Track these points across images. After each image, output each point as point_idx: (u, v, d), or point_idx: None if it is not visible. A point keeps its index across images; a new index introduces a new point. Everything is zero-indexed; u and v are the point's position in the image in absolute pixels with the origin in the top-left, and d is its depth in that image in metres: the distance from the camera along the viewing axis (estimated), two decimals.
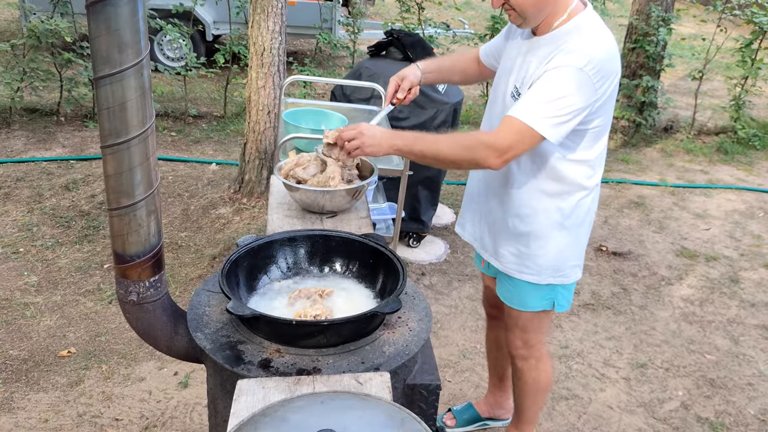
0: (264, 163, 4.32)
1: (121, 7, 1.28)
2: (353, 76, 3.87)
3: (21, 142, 5.05)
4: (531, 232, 2.04)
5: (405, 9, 5.85)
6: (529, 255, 2.07)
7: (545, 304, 2.15)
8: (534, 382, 2.33)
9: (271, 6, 3.96)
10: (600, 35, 1.84)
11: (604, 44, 1.82)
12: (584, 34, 1.83)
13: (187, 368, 2.93)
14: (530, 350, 2.26)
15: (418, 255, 4.02)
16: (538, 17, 1.86)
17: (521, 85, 1.90)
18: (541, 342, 2.28)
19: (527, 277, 2.10)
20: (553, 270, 2.08)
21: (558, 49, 1.81)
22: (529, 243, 2.06)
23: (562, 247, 2.06)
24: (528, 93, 1.80)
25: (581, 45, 1.79)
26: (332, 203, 2.06)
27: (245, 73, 5.17)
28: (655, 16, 5.83)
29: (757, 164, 5.84)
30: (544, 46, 1.87)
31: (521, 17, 1.86)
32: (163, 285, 1.59)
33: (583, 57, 1.76)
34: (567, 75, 1.76)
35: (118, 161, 1.41)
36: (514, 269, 2.12)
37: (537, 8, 1.83)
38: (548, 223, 2.02)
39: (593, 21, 1.87)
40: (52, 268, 3.62)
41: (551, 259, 2.07)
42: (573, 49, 1.78)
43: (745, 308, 3.73)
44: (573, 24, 1.85)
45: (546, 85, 1.77)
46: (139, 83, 1.36)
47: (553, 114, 1.76)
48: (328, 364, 1.44)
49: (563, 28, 1.85)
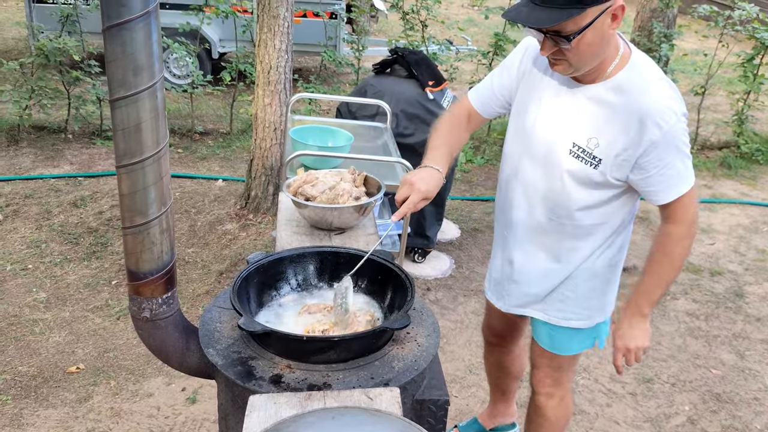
0: (270, 180, 4.35)
1: (136, 32, 1.32)
2: (358, 93, 3.91)
3: (29, 160, 5.09)
4: (580, 276, 1.98)
5: (409, 27, 5.90)
6: (579, 300, 2.00)
7: (588, 344, 2.10)
8: (556, 420, 2.26)
9: (277, 25, 4.01)
10: (661, 76, 1.75)
11: (669, 83, 1.75)
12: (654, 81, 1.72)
13: (196, 384, 2.94)
14: (558, 388, 2.20)
15: (424, 270, 4.04)
16: (592, 65, 1.70)
17: (591, 147, 1.76)
18: (571, 380, 2.23)
19: (575, 324, 2.03)
20: (599, 311, 2.04)
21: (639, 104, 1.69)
22: (578, 288, 1.99)
23: (609, 284, 2.02)
24: (663, 173, 1.73)
25: (662, 95, 1.70)
26: (340, 220, 2.08)
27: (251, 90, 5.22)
28: (657, 32, 5.88)
29: (760, 179, 5.86)
30: (606, 99, 1.74)
31: (573, 67, 1.70)
32: (175, 302, 1.62)
33: (674, 106, 1.69)
34: (678, 131, 1.70)
35: (132, 181, 1.44)
36: (555, 317, 2.04)
37: (595, 56, 1.68)
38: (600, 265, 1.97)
39: (649, 63, 1.77)
40: (60, 285, 3.65)
41: (599, 301, 2.02)
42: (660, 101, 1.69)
43: (750, 323, 3.74)
44: (635, 72, 1.72)
45: (673, 154, 1.71)
46: (153, 105, 1.40)
47: (689, 164, 1.76)
48: (339, 379, 1.46)
49: (622, 76, 1.72)
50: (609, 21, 1.62)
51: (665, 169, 1.73)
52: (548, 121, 1.84)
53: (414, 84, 3.79)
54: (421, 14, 5.84)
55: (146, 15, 1.32)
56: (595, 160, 1.77)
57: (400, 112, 3.70)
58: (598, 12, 1.58)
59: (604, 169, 1.77)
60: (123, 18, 1.30)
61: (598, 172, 1.78)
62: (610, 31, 1.64)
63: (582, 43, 1.61)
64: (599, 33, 1.62)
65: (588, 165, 1.78)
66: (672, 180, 1.75)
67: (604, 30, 1.62)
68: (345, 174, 2.23)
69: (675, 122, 1.68)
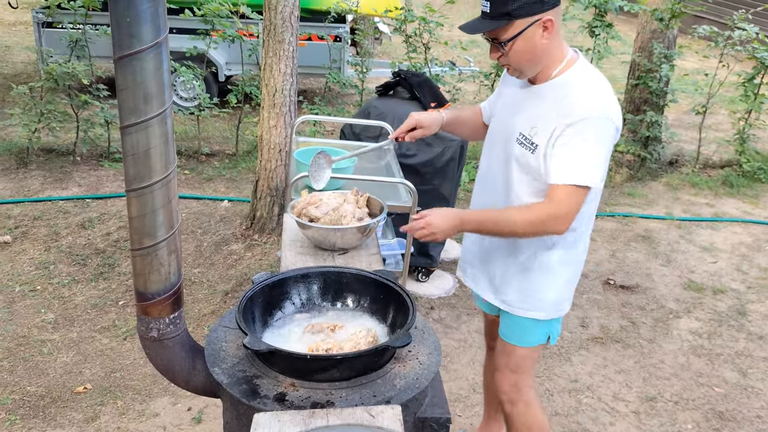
0: (275, 200, 4.41)
1: (147, 62, 1.38)
2: (362, 115, 3.97)
3: (38, 182, 5.17)
4: (535, 268, 2.10)
5: (412, 49, 5.99)
6: (534, 291, 2.12)
7: (541, 339, 2.21)
8: (527, 428, 2.31)
9: (282, 50, 4.09)
10: (600, 79, 1.95)
11: (606, 87, 1.94)
12: (592, 81, 1.93)
13: (201, 404, 2.97)
14: (519, 393, 2.27)
15: (427, 289, 4.07)
16: (534, 69, 1.95)
17: (531, 134, 1.96)
18: (529, 385, 2.30)
19: (532, 314, 2.15)
20: (554, 305, 2.15)
21: (567, 99, 1.89)
22: (533, 279, 2.11)
23: (563, 281, 2.13)
24: (562, 152, 1.88)
25: (590, 93, 1.90)
26: (343, 240, 2.13)
27: (256, 112, 5.30)
28: (657, 52, 5.94)
29: (763, 197, 5.88)
30: (548, 94, 1.96)
31: (517, 70, 1.96)
32: (182, 322, 1.66)
33: (598, 105, 1.87)
34: (594, 125, 1.86)
35: (141, 204, 1.49)
36: (514, 306, 2.17)
37: (532, 62, 1.92)
38: (554, 259, 2.09)
39: (592, 69, 1.97)
40: (68, 306, 3.70)
41: (553, 294, 2.13)
42: (585, 99, 1.88)
43: (753, 341, 3.75)
44: (575, 72, 1.94)
45: (578, 141, 1.86)
46: (162, 131, 1.45)
47: (594, 165, 1.88)
48: (341, 397, 1.50)
49: (564, 77, 1.94)
50: (540, 32, 1.86)
51: (566, 149, 1.87)
52: (505, 116, 2.10)
53: (416, 105, 3.85)
54: (424, 37, 5.93)
55: (156, 46, 1.37)
56: (533, 146, 1.95)
57: None
58: (526, 24, 1.84)
59: (538, 155, 1.94)
60: (134, 49, 1.35)
61: (534, 157, 1.95)
62: (543, 41, 1.88)
63: (514, 49, 1.88)
64: (531, 42, 1.87)
65: (528, 150, 1.97)
66: (566, 164, 1.88)
67: (536, 40, 1.87)
68: (348, 195, 2.28)
69: (594, 117, 1.85)
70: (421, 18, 5.80)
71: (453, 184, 3.99)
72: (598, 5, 5.72)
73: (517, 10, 1.82)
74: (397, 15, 5.91)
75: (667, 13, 5.85)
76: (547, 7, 1.84)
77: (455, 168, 3.94)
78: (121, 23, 1.34)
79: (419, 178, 3.64)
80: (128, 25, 1.34)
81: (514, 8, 1.82)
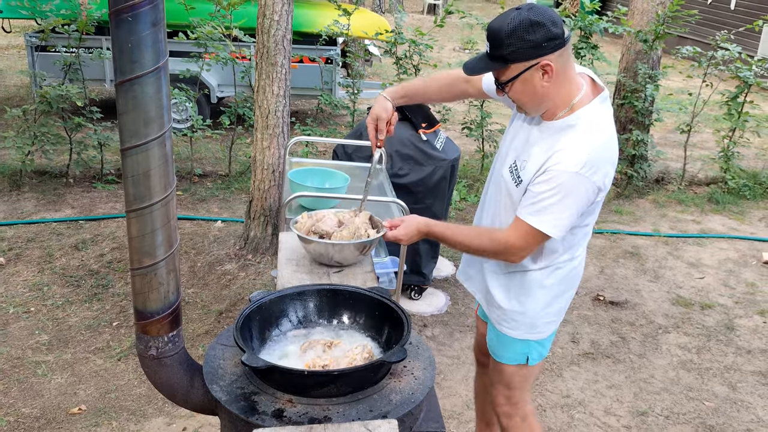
0: (269, 220, 4.44)
1: (147, 86, 1.42)
2: (354, 135, 4.03)
3: (31, 204, 5.18)
4: (513, 286, 2.14)
5: (402, 71, 6.08)
6: (510, 310, 2.16)
7: (519, 358, 2.21)
8: None
9: (275, 72, 4.16)
10: (597, 131, 1.90)
11: (599, 141, 1.88)
12: (589, 133, 1.88)
13: (196, 423, 2.98)
14: (514, 407, 2.30)
15: (420, 307, 4.10)
16: (538, 110, 1.94)
17: (520, 167, 1.99)
18: (525, 400, 2.32)
19: (508, 331, 2.18)
20: (528, 327, 2.16)
21: (557, 145, 1.88)
22: (512, 297, 2.15)
23: (541, 305, 2.14)
24: (533, 193, 1.90)
25: (576, 145, 1.85)
26: (341, 255, 2.16)
27: (249, 133, 5.34)
28: (642, 73, 6.06)
29: (748, 213, 5.97)
30: (547, 134, 1.94)
31: (523, 109, 1.97)
32: (180, 340, 1.69)
33: (578, 160, 1.83)
34: (566, 179, 1.84)
35: (141, 224, 1.52)
36: (495, 319, 2.21)
37: (534, 104, 1.91)
38: (531, 281, 2.11)
39: (594, 115, 1.91)
40: (62, 327, 3.70)
41: (529, 317, 2.15)
42: (568, 151, 1.85)
43: (741, 355, 3.80)
44: (577, 119, 1.90)
45: (548, 188, 1.86)
46: (162, 153, 1.49)
47: (557, 216, 1.89)
48: (338, 412, 1.52)
49: (567, 120, 1.91)
50: (540, 75, 1.84)
51: (538, 190, 1.89)
52: (510, 137, 2.12)
53: (407, 126, 3.91)
54: (414, 59, 6.02)
55: (156, 71, 1.42)
56: (518, 179, 2.00)
57: (395, 153, 3.81)
58: (523, 68, 1.83)
59: (521, 189, 1.98)
60: (135, 73, 1.40)
61: (517, 190, 2.00)
62: (544, 83, 1.85)
63: (513, 90, 1.88)
64: (530, 84, 1.86)
65: (513, 182, 2.02)
66: (533, 205, 1.90)
67: (535, 83, 1.85)
68: (345, 215, 2.31)
69: (572, 173, 1.84)
70: (411, 41, 5.90)
71: (444, 202, 4.05)
72: (583, 27, 5.84)
73: (511, 54, 1.80)
74: (387, 37, 6.00)
75: (651, 35, 5.98)
76: (546, 51, 1.80)
77: (446, 187, 4.00)
78: (123, 49, 1.38)
79: (411, 197, 3.69)
80: (130, 51, 1.38)
81: (507, 53, 1.80)
